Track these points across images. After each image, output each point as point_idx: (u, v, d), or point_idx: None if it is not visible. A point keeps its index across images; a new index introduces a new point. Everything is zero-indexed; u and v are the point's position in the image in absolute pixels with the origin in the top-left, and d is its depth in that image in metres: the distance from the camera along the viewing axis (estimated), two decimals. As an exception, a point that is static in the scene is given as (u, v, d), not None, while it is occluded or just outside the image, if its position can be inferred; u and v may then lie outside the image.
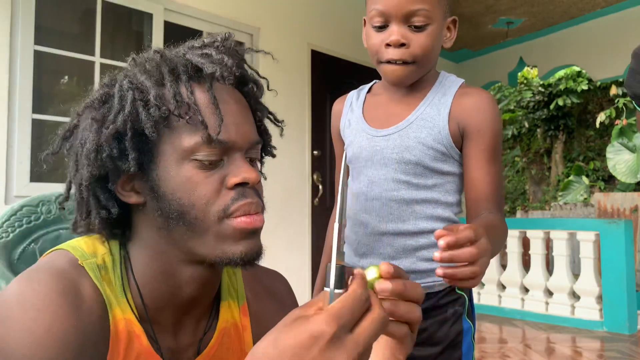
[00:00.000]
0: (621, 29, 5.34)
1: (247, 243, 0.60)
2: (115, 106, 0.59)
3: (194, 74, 0.61)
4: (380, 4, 0.91)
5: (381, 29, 0.94)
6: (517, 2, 5.04)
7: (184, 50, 0.64)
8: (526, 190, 11.56)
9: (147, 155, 0.59)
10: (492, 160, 0.95)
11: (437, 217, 0.98)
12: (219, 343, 0.68)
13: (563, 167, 10.96)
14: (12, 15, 2.63)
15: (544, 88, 10.68)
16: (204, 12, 3.41)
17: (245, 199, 0.60)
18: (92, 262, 0.60)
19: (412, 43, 0.92)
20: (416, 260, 0.97)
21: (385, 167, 0.98)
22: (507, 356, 3.19)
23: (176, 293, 0.63)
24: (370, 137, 1.01)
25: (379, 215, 0.98)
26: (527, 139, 11.78)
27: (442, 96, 0.98)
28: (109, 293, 0.60)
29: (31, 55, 2.69)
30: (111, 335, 0.58)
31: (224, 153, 0.61)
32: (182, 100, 0.59)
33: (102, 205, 0.62)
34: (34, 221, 0.88)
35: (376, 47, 0.95)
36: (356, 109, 1.07)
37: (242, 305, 0.73)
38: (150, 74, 0.60)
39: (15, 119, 2.63)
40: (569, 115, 10.81)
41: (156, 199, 0.60)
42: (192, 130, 0.59)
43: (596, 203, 5.81)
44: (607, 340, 3.55)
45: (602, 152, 9.86)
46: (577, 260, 4.48)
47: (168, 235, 0.61)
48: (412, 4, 0.89)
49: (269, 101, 0.82)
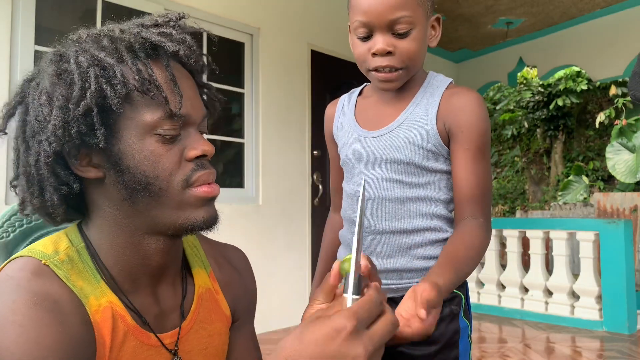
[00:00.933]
0: (621, 29, 5.34)
1: (206, 209, 0.66)
2: (77, 83, 0.59)
3: (151, 52, 0.63)
4: (363, 16, 0.92)
5: (366, 38, 0.95)
6: (517, 2, 5.04)
7: (136, 29, 0.65)
8: (526, 190, 11.56)
9: (108, 130, 0.61)
10: (478, 160, 0.95)
11: (431, 214, 0.99)
12: (200, 306, 0.74)
13: (563, 167, 10.96)
14: (13, 15, 2.63)
15: (543, 88, 10.69)
16: (204, 12, 3.41)
17: (204, 169, 0.65)
18: (56, 261, 0.61)
19: (397, 50, 0.93)
20: (412, 259, 0.98)
21: (377, 168, 1.00)
22: (507, 356, 3.19)
23: (146, 263, 0.66)
24: (363, 139, 1.03)
25: (375, 214, 1.00)
26: (527, 139, 11.78)
27: (430, 96, 0.99)
28: (80, 285, 0.61)
29: (31, 55, 2.69)
30: (94, 327, 0.60)
31: (182, 127, 0.64)
32: (145, 77, 0.61)
33: (63, 181, 0.62)
34: (35, 221, 0.88)
35: (363, 57, 0.97)
36: (348, 112, 1.09)
37: (209, 272, 0.78)
38: (108, 51, 0.61)
39: (15, 119, 2.63)
40: (569, 115, 10.82)
41: (120, 173, 0.62)
42: (154, 106, 0.61)
43: (596, 203, 5.81)
44: (606, 340, 3.55)
45: (601, 152, 9.87)
46: (577, 260, 4.48)
47: (131, 207, 0.63)
48: (394, 13, 0.90)
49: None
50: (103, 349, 0.60)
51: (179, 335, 0.70)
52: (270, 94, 3.78)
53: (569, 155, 11.03)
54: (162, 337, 0.67)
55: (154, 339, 0.66)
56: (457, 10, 5.22)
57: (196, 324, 0.73)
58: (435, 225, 0.98)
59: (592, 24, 5.54)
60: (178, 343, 0.69)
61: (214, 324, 0.76)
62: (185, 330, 0.71)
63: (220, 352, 0.77)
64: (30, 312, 0.54)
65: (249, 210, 3.59)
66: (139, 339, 0.65)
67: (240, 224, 3.50)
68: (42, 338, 0.53)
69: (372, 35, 0.94)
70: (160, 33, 0.65)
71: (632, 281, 3.79)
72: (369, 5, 0.91)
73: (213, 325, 0.76)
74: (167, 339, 0.68)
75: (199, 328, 0.73)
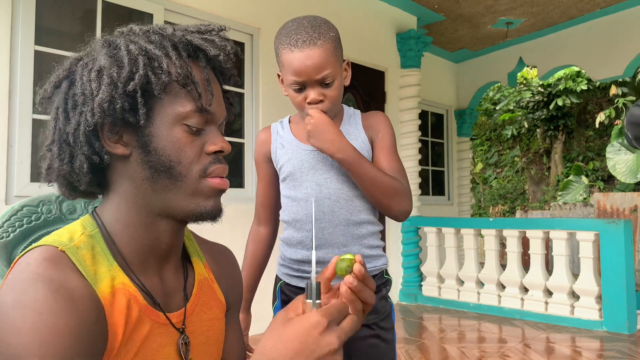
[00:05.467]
0: (621, 29, 5.34)
1: (215, 200, 0.73)
2: (127, 67, 0.66)
3: (192, 53, 0.71)
4: (297, 76, 1.17)
5: (299, 90, 1.20)
6: (517, 2, 5.04)
7: (181, 32, 0.73)
8: (525, 190, 11.57)
9: (146, 114, 0.68)
10: (394, 154, 1.28)
11: (370, 209, 1.27)
12: (200, 292, 0.80)
13: (562, 167, 10.96)
14: (13, 16, 2.63)
15: (543, 88, 10.69)
16: (204, 12, 3.41)
17: (220, 163, 0.72)
18: (71, 247, 0.65)
19: (326, 97, 1.20)
20: (361, 247, 1.26)
21: (328, 172, 1.25)
22: (506, 356, 3.19)
23: (156, 244, 0.72)
24: (309, 152, 1.26)
25: (331, 210, 1.24)
26: (527, 139, 11.79)
27: (353, 119, 1.32)
28: (95, 270, 0.65)
29: (31, 55, 2.69)
30: (105, 312, 0.63)
31: (206, 123, 0.72)
32: (185, 72, 0.69)
33: (95, 151, 0.69)
34: (35, 221, 0.88)
35: (301, 105, 1.22)
36: (286, 135, 1.32)
37: (204, 263, 0.85)
38: (156, 44, 0.69)
39: (16, 119, 2.63)
40: (569, 115, 10.82)
41: (146, 153, 0.68)
42: (187, 99, 0.69)
43: (595, 203, 5.81)
44: (606, 340, 3.55)
45: (601, 152, 9.87)
46: (577, 260, 4.48)
47: (150, 187, 0.70)
48: (321, 72, 1.16)
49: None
50: (116, 333, 0.64)
51: (185, 315, 0.75)
52: (270, 94, 3.78)
53: (568, 155, 11.03)
54: (170, 317, 0.72)
55: (162, 318, 0.71)
56: (457, 11, 5.22)
57: (198, 306, 0.78)
58: (373, 219, 1.29)
59: (592, 24, 5.54)
60: (185, 322, 0.75)
61: (212, 310, 0.81)
62: (189, 311, 0.76)
63: (220, 337, 0.82)
64: (47, 300, 0.57)
65: (249, 210, 3.57)
66: (151, 319, 0.69)
67: (240, 224, 3.49)
68: (57, 325, 0.56)
69: (304, 88, 1.19)
70: (204, 39, 0.72)
71: (632, 281, 3.79)
72: (300, 68, 1.16)
73: (212, 310, 0.81)
74: (174, 318, 0.73)
75: (201, 311, 0.78)
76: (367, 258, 1.27)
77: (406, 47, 5.12)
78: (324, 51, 1.16)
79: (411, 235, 5.01)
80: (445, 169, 6.92)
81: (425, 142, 6.44)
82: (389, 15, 5.06)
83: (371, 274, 1.27)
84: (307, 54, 1.15)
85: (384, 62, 5.03)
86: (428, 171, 6.52)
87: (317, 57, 1.15)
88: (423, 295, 4.95)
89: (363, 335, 1.24)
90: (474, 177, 11.88)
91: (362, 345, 1.24)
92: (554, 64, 6.01)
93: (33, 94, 2.68)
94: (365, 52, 4.77)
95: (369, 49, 4.80)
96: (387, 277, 1.33)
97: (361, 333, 1.23)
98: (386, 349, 1.27)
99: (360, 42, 4.71)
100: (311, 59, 1.15)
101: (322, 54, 1.16)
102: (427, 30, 5.63)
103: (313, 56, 1.15)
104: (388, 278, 1.33)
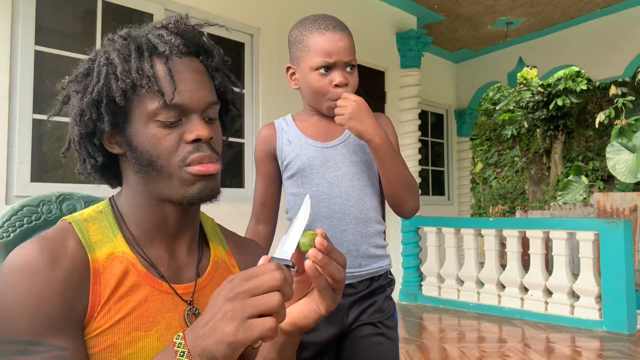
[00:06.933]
0: (621, 29, 5.34)
1: (201, 184, 0.75)
2: (94, 79, 0.74)
3: (154, 51, 0.75)
4: (328, 57, 1.20)
5: (325, 75, 1.21)
6: (517, 2, 5.04)
7: (147, 30, 0.78)
8: (525, 190, 11.57)
9: (122, 117, 0.75)
10: (399, 154, 1.28)
11: (376, 207, 1.28)
12: (214, 271, 0.84)
13: (562, 167, 10.96)
14: (13, 16, 2.63)
15: (543, 88, 10.69)
16: (204, 12, 3.41)
17: (199, 152, 0.74)
18: (78, 219, 0.75)
19: (350, 82, 1.23)
20: (369, 247, 1.26)
21: (340, 170, 1.25)
22: (506, 356, 3.19)
23: (163, 223, 0.78)
24: (319, 149, 1.26)
25: (343, 208, 1.24)
26: (527, 139, 11.79)
27: None
28: (96, 239, 0.73)
29: (31, 55, 2.69)
30: (92, 274, 0.70)
31: (182, 114, 0.74)
32: (143, 73, 0.73)
33: (91, 155, 0.78)
34: (35, 221, 0.88)
35: (326, 88, 1.22)
36: (292, 131, 1.31)
37: (226, 250, 0.89)
38: (120, 51, 0.75)
39: (16, 119, 2.63)
40: (568, 115, 10.82)
41: (132, 150, 0.75)
42: (153, 97, 0.73)
43: (595, 203, 5.81)
44: (606, 340, 3.55)
45: (601, 152, 9.87)
46: (577, 260, 4.48)
47: (144, 178, 0.76)
48: (350, 55, 1.22)
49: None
50: (100, 294, 0.70)
51: (195, 289, 0.79)
52: (270, 94, 3.78)
53: (568, 155, 11.03)
54: (176, 287, 0.77)
55: (165, 286, 0.76)
56: (457, 11, 5.22)
57: (210, 284, 0.82)
58: (380, 218, 1.29)
59: (592, 24, 5.54)
60: (194, 295, 0.79)
61: None
62: (200, 286, 0.80)
63: None
64: (32, 259, 0.66)
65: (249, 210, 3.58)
66: (151, 285, 0.74)
67: (241, 224, 3.49)
68: (34, 282, 0.64)
69: (329, 72, 1.21)
70: (158, 35, 0.76)
71: (632, 281, 3.79)
72: (332, 49, 1.20)
73: None
74: (180, 289, 0.77)
75: (214, 288, 0.80)
76: (374, 258, 1.27)
77: (406, 47, 5.12)
78: (350, 38, 1.25)
79: (411, 235, 5.02)
80: (445, 169, 6.92)
81: (425, 142, 6.44)
82: (388, 15, 5.06)
83: (377, 274, 1.28)
84: (339, 36, 1.22)
85: (384, 62, 5.03)
86: (428, 171, 6.52)
87: (347, 40, 1.23)
88: (423, 295, 4.95)
89: (368, 333, 1.25)
90: (474, 177, 11.88)
91: (367, 342, 1.26)
92: (554, 64, 6.01)
93: (33, 94, 2.68)
94: (365, 52, 4.77)
95: (369, 49, 4.80)
96: (390, 277, 1.34)
97: (366, 331, 1.25)
98: (390, 347, 1.29)
99: (360, 42, 4.70)
100: (343, 41, 1.22)
101: (350, 39, 1.24)
102: (427, 30, 5.63)
103: (344, 39, 1.22)
104: (392, 278, 1.34)
